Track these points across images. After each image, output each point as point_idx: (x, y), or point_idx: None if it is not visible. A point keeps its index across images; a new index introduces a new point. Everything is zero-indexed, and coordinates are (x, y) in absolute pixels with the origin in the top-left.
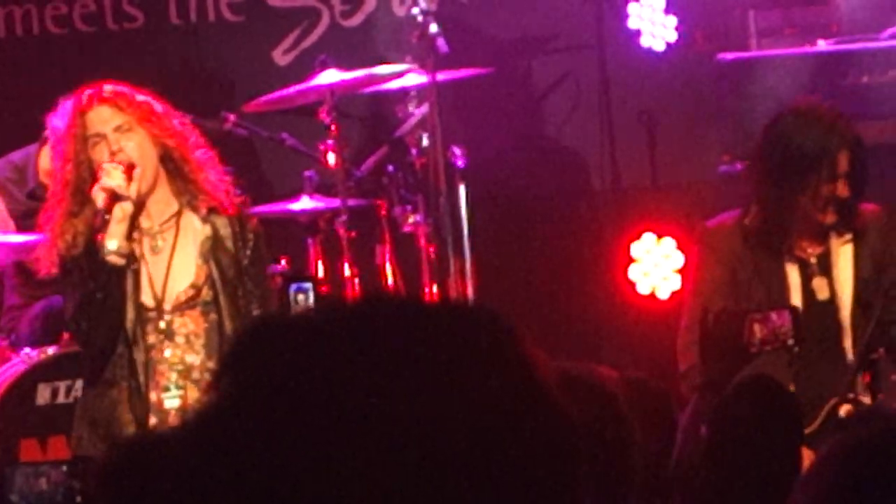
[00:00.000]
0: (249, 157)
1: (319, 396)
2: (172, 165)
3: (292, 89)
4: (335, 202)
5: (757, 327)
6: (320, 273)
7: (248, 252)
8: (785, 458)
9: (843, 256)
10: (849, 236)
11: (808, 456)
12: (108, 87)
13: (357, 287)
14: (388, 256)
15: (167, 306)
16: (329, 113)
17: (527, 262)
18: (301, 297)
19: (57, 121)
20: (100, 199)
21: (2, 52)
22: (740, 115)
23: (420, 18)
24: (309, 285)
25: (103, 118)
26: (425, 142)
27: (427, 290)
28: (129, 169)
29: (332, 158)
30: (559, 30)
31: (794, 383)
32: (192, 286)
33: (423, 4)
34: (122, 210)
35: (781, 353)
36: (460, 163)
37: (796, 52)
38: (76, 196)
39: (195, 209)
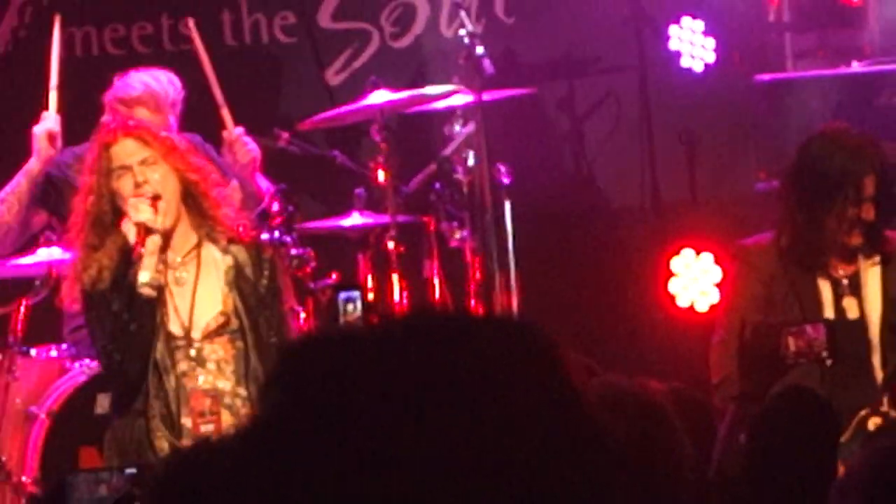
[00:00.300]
0: (302, 174)
1: (361, 414)
2: (192, 200)
3: (344, 109)
4: (384, 218)
5: (792, 340)
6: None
7: (265, 280)
8: (822, 466)
9: (872, 278)
10: (877, 258)
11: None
12: (132, 122)
13: (405, 300)
14: (435, 271)
15: (196, 334)
16: (379, 132)
17: (570, 277)
18: (350, 306)
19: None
20: (132, 234)
21: (64, 74)
22: (776, 133)
23: (466, 40)
24: (357, 294)
25: (129, 151)
26: (471, 160)
27: (473, 303)
28: (155, 201)
29: (381, 176)
30: (601, 51)
31: (826, 393)
32: (222, 314)
33: (469, 27)
34: (153, 243)
35: (814, 368)
36: (505, 180)
37: (831, 73)
38: (96, 228)
39: (215, 241)
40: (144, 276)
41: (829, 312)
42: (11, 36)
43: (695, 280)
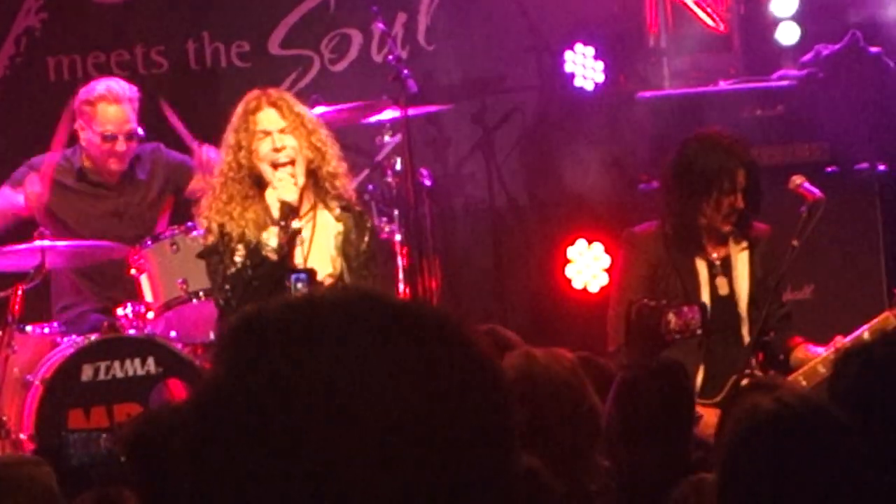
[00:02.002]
0: None
1: (300, 380)
2: (315, 168)
3: None
4: None
5: (672, 318)
6: None
7: (364, 246)
8: (678, 429)
9: (741, 260)
10: (745, 244)
11: (715, 414)
12: (274, 93)
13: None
14: None
15: None
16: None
17: (482, 264)
18: (300, 285)
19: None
20: (275, 208)
21: (52, 95)
22: (656, 142)
23: (394, 64)
24: (306, 276)
25: (270, 119)
26: (398, 166)
27: (401, 286)
28: (289, 164)
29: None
30: (507, 73)
31: (704, 363)
32: (331, 276)
33: (396, 53)
34: (285, 212)
35: (692, 339)
36: (427, 182)
37: (702, 91)
38: (233, 182)
39: (329, 207)
40: (273, 241)
41: (704, 289)
42: (9, 62)
43: (587, 266)
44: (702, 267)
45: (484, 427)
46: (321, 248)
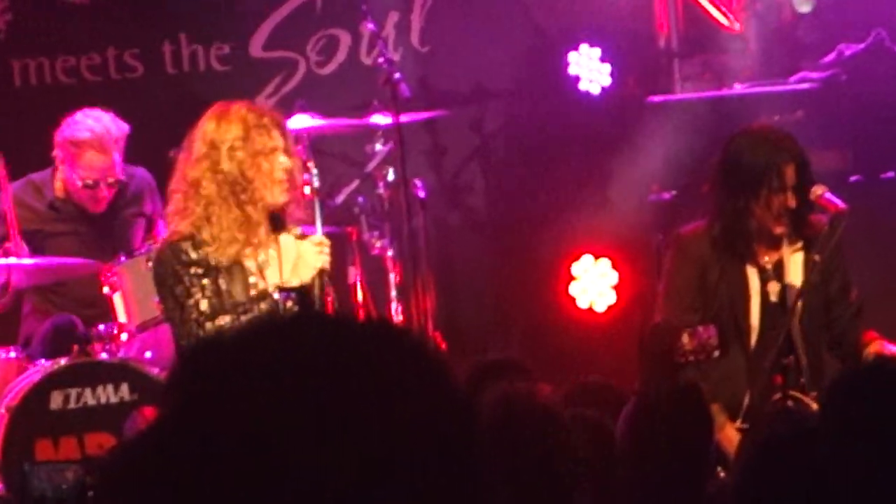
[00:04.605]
0: None
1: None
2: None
3: None
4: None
5: (686, 339)
6: None
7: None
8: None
9: (794, 262)
10: (800, 244)
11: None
12: (274, 112)
13: (332, 303)
14: (358, 276)
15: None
16: (305, 151)
17: (480, 281)
18: (290, 303)
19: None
20: (309, 273)
21: (18, 101)
22: (667, 150)
23: (385, 67)
24: (296, 294)
25: (275, 137)
26: (391, 176)
27: (393, 305)
28: (285, 184)
29: (307, 190)
30: (507, 76)
31: (749, 380)
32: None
33: (387, 55)
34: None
35: (738, 352)
36: (421, 194)
37: (715, 95)
38: (217, 200)
39: (288, 231)
40: (275, 276)
41: (755, 297)
42: None
43: (593, 283)
44: (752, 273)
45: (450, 477)
46: (285, 270)
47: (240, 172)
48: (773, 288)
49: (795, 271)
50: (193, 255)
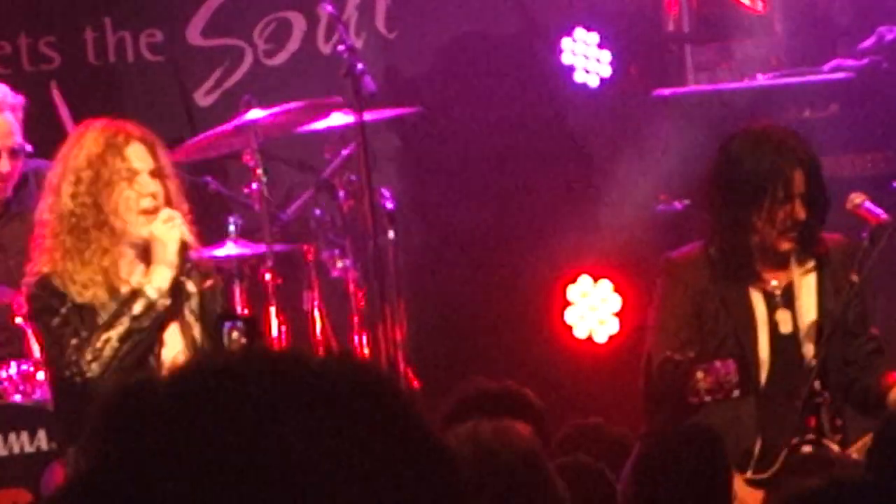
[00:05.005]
0: None
1: (185, 465)
2: None
3: (215, 131)
4: (261, 247)
5: (701, 376)
6: None
7: (218, 308)
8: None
9: (807, 287)
10: (811, 264)
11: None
12: (136, 127)
13: (284, 335)
14: (316, 303)
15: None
16: (253, 155)
17: (459, 308)
18: (235, 334)
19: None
20: (173, 250)
21: None
22: (677, 152)
23: (346, 56)
24: (242, 323)
25: (139, 156)
26: (352, 184)
27: (357, 336)
28: (154, 212)
29: (256, 202)
30: (490, 66)
31: (762, 425)
32: (188, 347)
33: (348, 41)
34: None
35: (750, 391)
36: (389, 205)
37: (734, 87)
38: (76, 232)
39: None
40: (159, 282)
41: (762, 328)
42: None
43: (593, 309)
44: (758, 299)
45: None
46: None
47: (92, 204)
48: (783, 316)
49: (808, 297)
50: (62, 290)
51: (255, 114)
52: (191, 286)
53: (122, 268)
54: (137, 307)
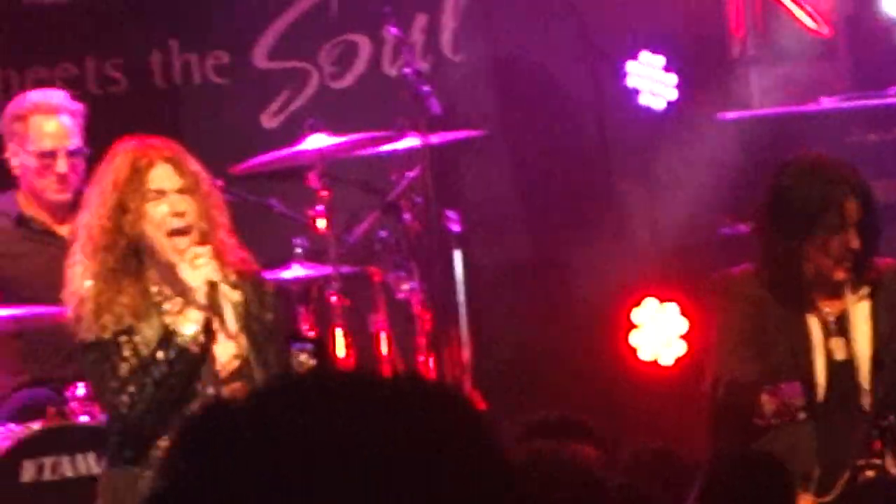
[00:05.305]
0: (237, 223)
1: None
2: (211, 235)
3: (281, 153)
4: (327, 269)
5: (766, 399)
6: None
7: (270, 316)
8: None
9: (861, 314)
10: (865, 291)
11: None
12: (164, 145)
13: (351, 357)
14: (382, 325)
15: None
16: (318, 178)
17: (525, 331)
18: (304, 357)
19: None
20: (201, 293)
21: None
22: (742, 175)
23: (411, 79)
24: (310, 345)
25: (165, 176)
26: (418, 207)
27: (423, 359)
28: (187, 233)
29: (321, 224)
30: (554, 89)
31: (819, 448)
32: (237, 356)
33: (414, 64)
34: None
35: (808, 419)
36: (455, 227)
37: (799, 111)
38: (125, 253)
39: (225, 276)
40: (190, 328)
41: (819, 353)
42: None
43: (659, 332)
44: (814, 324)
45: None
46: (225, 327)
47: (118, 229)
48: (837, 344)
49: (862, 324)
50: (96, 321)
51: (320, 138)
52: (234, 294)
53: (155, 291)
54: (171, 353)
